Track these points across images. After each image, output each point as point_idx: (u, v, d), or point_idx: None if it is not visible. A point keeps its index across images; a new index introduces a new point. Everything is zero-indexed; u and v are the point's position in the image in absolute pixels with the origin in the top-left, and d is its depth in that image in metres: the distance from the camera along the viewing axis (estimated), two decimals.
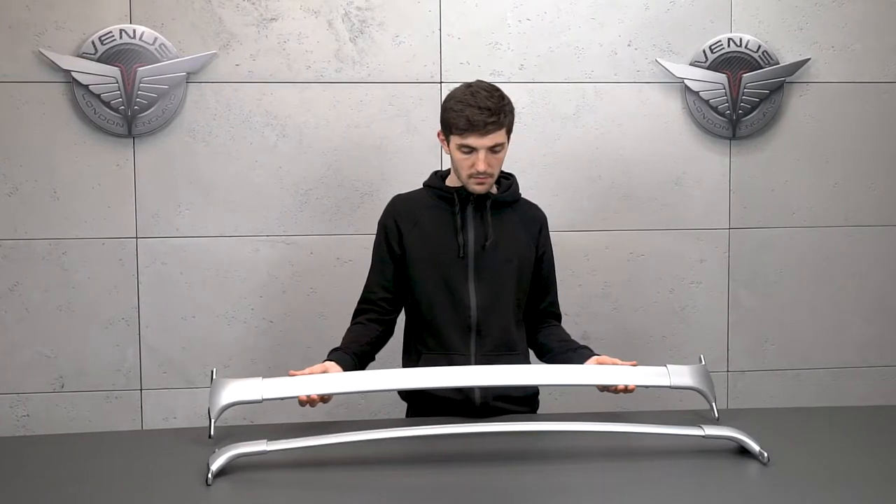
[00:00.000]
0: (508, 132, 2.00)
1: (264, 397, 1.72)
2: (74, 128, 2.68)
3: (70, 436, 2.11)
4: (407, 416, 2.16)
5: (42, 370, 2.73)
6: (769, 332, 2.98)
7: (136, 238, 2.73)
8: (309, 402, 1.80)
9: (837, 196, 2.98)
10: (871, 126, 2.97)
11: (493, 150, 1.97)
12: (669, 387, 1.86)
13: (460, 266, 2.05)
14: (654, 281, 2.92)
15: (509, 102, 2.00)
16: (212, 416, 1.72)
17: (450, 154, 2.03)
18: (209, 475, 1.57)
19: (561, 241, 2.80)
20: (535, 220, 2.16)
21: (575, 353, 2.05)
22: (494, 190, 2.10)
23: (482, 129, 1.93)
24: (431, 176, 2.15)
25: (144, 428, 2.75)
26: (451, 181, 2.10)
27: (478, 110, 1.92)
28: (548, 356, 2.13)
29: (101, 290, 2.73)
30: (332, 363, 1.93)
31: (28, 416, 2.73)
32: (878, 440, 1.84)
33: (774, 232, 2.96)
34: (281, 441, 1.67)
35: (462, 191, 2.06)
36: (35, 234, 2.69)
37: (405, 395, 2.16)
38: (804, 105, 2.93)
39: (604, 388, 1.92)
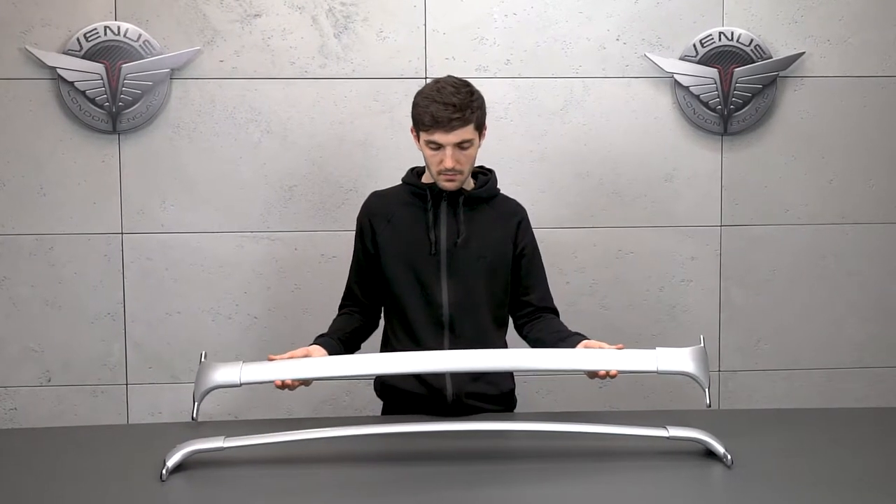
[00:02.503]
0: (478, 128, 1.97)
1: (243, 381, 1.72)
2: (60, 124, 2.69)
3: (40, 430, 2.12)
4: (382, 414, 2.15)
5: (29, 364, 2.75)
6: (762, 331, 2.93)
7: (122, 234, 2.74)
8: (286, 386, 1.78)
9: (834, 193, 2.92)
10: (869, 121, 2.90)
11: (461, 146, 1.95)
12: (657, 372, 1.72)
13: (432, 263, 2.03)
14: (643, 279, 2.88)
15: (479, 98, 1.97)
16: (195, 399, 1.73)
17: (421, 150, 2.02)
18: (164, 471, 1.59)
19: (548, 238, 2.78)
20: (512, 216, 2.11)
21: (564, 341, 1.97)
22: (470, 186, 2.08)
23: (447, 125, 1.91)
24: (408, 172, 2.13)
25: (130, 422, 2.76)
26: (426, 178, 2.08)
27: (442, 106, 1.90)
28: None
29: (88, 285, 2.74)
30: (317, 347, 1.94)
31: (15, 409, 2.75)
32: (856, 443, 1.79)
33: (767, 229, 2.90)
34: (238, 438, 1.67)
35: (436, 187, 2.04)
36: (22, 229, 2.72)
37: (380, 392, 2.15)
38: (798, 100, 2.87)
39: (591, 375, 1.82)
